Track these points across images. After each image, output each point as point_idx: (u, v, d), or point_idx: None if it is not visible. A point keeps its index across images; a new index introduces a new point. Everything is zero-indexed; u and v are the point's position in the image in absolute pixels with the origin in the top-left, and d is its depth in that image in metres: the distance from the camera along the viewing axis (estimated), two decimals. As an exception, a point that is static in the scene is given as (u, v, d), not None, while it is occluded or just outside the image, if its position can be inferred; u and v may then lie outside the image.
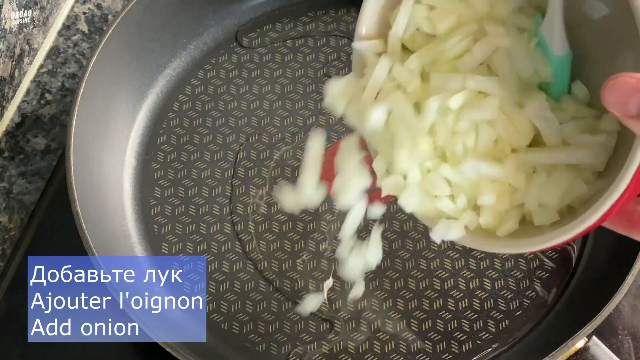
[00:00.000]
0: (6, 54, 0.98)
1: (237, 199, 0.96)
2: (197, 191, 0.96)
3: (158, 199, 0.96)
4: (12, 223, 0.99)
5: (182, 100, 1.02)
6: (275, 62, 1.04)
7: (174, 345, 0.78)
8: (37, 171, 1.02)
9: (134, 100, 1.00)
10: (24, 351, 0.91)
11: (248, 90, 1.02)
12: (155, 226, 0.94)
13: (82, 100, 0.89)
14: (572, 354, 0.81)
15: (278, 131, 1.00)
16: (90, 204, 0.87)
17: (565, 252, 0.91)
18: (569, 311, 0.87)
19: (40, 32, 1.06)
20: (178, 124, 1.00)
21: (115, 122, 0.97)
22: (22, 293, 0.94)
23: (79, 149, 0.88)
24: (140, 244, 0.93)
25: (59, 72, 1.08)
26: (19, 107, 1.05)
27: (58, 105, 1.06)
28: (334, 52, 1.04)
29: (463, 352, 0.86)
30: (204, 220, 0.95)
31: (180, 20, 1.02)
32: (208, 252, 0.93)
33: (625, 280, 0.79)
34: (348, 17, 1.06)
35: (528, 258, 0.90)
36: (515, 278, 0.90)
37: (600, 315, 0.78)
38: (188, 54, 1.04)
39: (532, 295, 0.89)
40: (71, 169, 0.85)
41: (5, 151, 1.02)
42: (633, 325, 0.92)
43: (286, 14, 1.07)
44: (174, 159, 0.98)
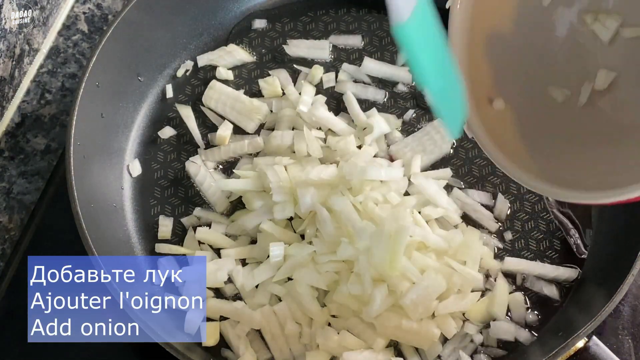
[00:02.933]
0: (6, 54, 0.98)
1: (237, 199, 0.96)
2: (197, 191, 0.96)
3: (158, 199, 0.96)
4: (12, 223, 0.99)
5: (182, 100, 1.02)
6: (275, 62, 1.04)
7: (174, 345, 0.78)
8: (37, 171, 1.02)
9: (134, 100, 1.00)
10: (24, 351, 0.91)
11: (248, 90, 1.02)
12: (155, 226, 0.94)
13: (82, 100, 0.89)
14: (572, 354, 0.81)
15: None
16: (90, 204, 0.87)
17: (569, 251, 0.91)
18: (569, 311, 0.87)
19: (40, 32, 1.06)
20: (178, 124, 1.00)
21: (115, 122, 0.97)
22: (22, 293, 0.94)
23: (79, 149, 0.87)
24: (140, 244, 0.93)
25: (59, 72, 1.08)
26: (19, 107, 1.04)
27: (58, 105, 1.06)
28: (334, 52, 1.04)
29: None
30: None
31: (180, 20, 1.02)
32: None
33: (625, 280, 0.79)
34: (348, 17, 1.06)
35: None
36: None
37: (600, 315, 0.78)
38: (188, 54, 1.04)
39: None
40: (71, 169, 0.85)
41: (5, 151, 1.02)
42: (633, 325, 0.92)
43: (286, 14, 1.07)
44: (174, 159, 0.98)
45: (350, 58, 1.04)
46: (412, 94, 1.01)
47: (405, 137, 0.97)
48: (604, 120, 0.71)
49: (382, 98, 1.00)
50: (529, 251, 0.91)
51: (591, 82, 0.71)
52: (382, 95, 1.00)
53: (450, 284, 0.84)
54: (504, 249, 0.91)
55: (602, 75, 0.70)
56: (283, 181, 0.87)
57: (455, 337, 0.85)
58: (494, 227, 0.92)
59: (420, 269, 0.83)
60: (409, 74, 1.01)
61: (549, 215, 0.93)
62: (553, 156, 0.70)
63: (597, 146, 0.70)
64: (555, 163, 0.70)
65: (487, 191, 0.94)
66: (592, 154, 0.69)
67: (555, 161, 0.70)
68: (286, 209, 0.87)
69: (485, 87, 0.72)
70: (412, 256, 0.84)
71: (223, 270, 0.87)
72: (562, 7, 0.72)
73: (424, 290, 0.81)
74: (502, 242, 0.92)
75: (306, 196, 0.85)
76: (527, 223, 0.93)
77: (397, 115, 0.99)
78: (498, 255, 0.91)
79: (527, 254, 0.91)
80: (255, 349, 0.85)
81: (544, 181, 0.66)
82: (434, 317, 0.84)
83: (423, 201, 0.90)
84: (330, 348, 0.83)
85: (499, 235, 0.92)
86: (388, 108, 1.00)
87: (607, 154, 0.68)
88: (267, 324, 0.85)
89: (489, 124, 0.71)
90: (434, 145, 0.96)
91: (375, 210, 0.85)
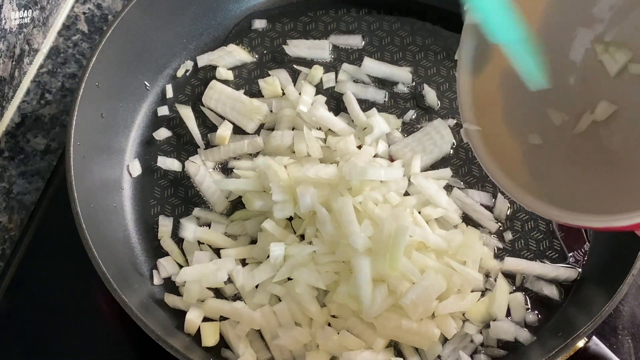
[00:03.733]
0: (6, 54, 0.98)
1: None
2: (197, 191, 0.96)
3: (158, 199, 0.96)
4: (12, 223, 0.99)
5: (182, 100, 1.02)
6: (275, 62, 1.04)
7: (174, 345, 0.78)
8: (37, 171, 1.02)
9: (134, 100, 1.00)
10: (24, 351, 0.91)
11: (248, 90, 1.02)
12: (155, 226, 0.94)
13: (82, 100, 0.89)
14: (572, 354, 0.81)
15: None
16: (90, 204, 0.87)
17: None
18: (569, 311, 0.87)
19: (40, 32, 1.06)
20: (178, 124, 1.00)
21: (116, 122, 0.97)
22: (22, 293, 0.94)
23: (79, 149, 0.88)
24: (140, 244, 0.93)
25: (59, 72, 1.08)
26: (19, 107, 1.05)
27: (58, 105, 1.06)
28: (334, 52, 1.04)
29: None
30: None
31: (180, 20, 1.02)
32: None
33: (625, 280, 0.79)
34: (348, 17, 1.06)
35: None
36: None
37: (600, 315, 0.78)
38: (188, 54, 1.04)
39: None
40: (71, 169, 0.85)
41: (5, 151, 1.02)
42: (633, 325, 0.92)
43: (286, 14, 1.07)
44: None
45: (350, 58, 1.04)
46: (412, 94, 1.01)
47: (405, 137, 0.97)
48: (599, 146, 0.71)
49: (382, 98, 1.00)
50: (529, 251, 0.91)
51: (591, 113, 0.72)
52: (382, 95, 1.00)
53: (450, 284, 0.84)
54: (504, 249, 0.91)
55: (602, 106, 0.71)
56: (283, 181, 0.87)
57: (455, 337, 0.85)
58: (494, 227, 0.92)
59: (420, 269, 0.83)
60: (409, 74, 1.01)
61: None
62: (548, 176, 0.70)
63: (591, 171, 0.70)
64: (550, 183, 0.69)
65: (487, 191, 0.95)
66: (587, 178, 0.69)
67: (551, 181, 0.70)
68: (286, 209, 0.87)
69: (486, 94, 0.72)
70: (412, 256, 0.84)
71: (223, 270, 0.87)
72: (581, 28, 0.72)
73: (424, 290, 0.81)
74: (502, 242, 0.92)
75: (306, 196, 0.85)
76: (527, 223, 0.93)
77: (397, 115, 0.99)
78: (498, 255, 0.91)
79: (527, 254, 0.91)
80: (255, 349, 0.85)
81: (538, 199, 0.66)
82: (434, 317, 0.84)
83: (423, 201, 0.90)
84: (330, 348, 0.83)
85: (499, 235, 0.92)
86: (388, 108, 1.00)
87: (601, 180, 0.68)
88: (267, 324, 0.85)
89: (486, 137, 0.71)
90: (434, 145, 0.96)
91: (375, 211, 0.85)
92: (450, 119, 0.98)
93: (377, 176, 0.86)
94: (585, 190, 0.68)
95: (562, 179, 0.70)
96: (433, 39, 1.04)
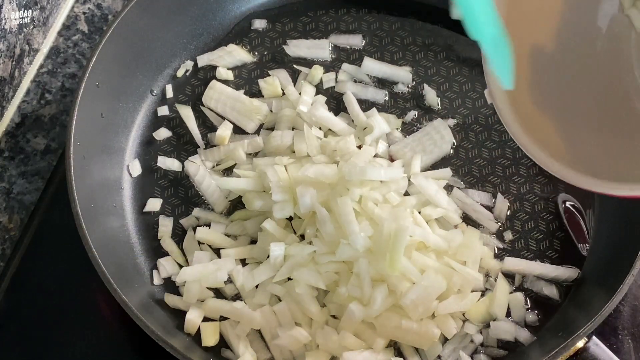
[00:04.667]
0: (6, 54, 0.98)
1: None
2: (197, 191, 0.96)
3: (158, 199, 0.96)
4: (12, 223, 0.99)
5: (182, 100, 1.02)
6: (275, 62, 1.04)
7: (174, 345, 0.78)
8: (37, 171, 1.02)
9: (134, 100, 1.00)
10: (24, 351, 0.91)
11: (248, 90, 1.02)
12: (155, 226, 0.94)
13: (82, 100, 0.89)
14: (572, 354, 0.81)
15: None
16: (90, 204, 0.87)
17: (569, 251, 0.91)
18: (569, 311, 0.87)
19: (40, 32, 1.06)
20: (178, 124, 1.00)
21: (116, 122, 0.97)
22: (22, 293, 0.94)
23: (79, 149, 0.88)
24: (140, 244, 0.93)
25: (59, 72, 1.08)
26: (19, 107, 1.05)
27: (58, 105, 1.06)
28: (334, 52, 1.04)
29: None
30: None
31: (180, 20, 1.02)
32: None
33: (625, 280, 0.79)
34: (348, 17, 1.06)
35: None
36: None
37: (600, 315, 0.78)
38: (188, 54, 1.04)
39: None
40: (71, 169, 0.85)
41: (5, 151, 1.02)
42: (633, 325, 0.92)
43: (286, 14, 1.07)
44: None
45: (350, 58, 1.04)
46: (412, 94, 1.01)
47: (405, 137, 0.97)
48: (631, 110, 0.71)
49: (382, 98, 1.00)
50: (529, 251, 0.91)
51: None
52: (382, 95, 1.00)
53: (450, 284, 0.84)
54: (504, 249, 0.91)
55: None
56: (283, 181, 0.87)
57: (455, 337, 0.85)
58: (494, 227, 0.92)
59: (420, 269, 0.83)
60: (409, 74, 1.01)
61: (549, 215, 0.93)
62: (577, 140, 0.71)
63: (623, 136, 0.70)
64: (578, 147, 0.70)
65: (487, 191, 0.95)
66: (618, 143, 0.70)
67: (579, 145, 0.70)
68: (286, 209, 0.87)
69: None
70: (412, 256, 0.84)
71: (223, 270, 0.87)
72: None
73: (424, 290, 0.81)
74: (502, 242, 0.92)
75: (306, 196, 0.85)
76: (527, 223, 0.93)
77: (397, 115, 0.99)
78: (498, 255, 0.91)
79: (527, 254, 0.91)
80: (255, 349, 0.85)
81: (562, 163, 0.67)
82: (434, 317, 0.84)
83: (423, 201, 0.90)
84: (330, 348, 0.83)
85: (499, 235, 0.92)
86: (388, 108, 1.00)
87: (629, 147, 0.69)
88: (267, 324, 0.85)
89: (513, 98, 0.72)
90: (434, 145, 0.96)
91: (375, 211, 0.85)
92: (450, 119, 0.98)
93: (377, 176, 0.86)
94: (615, 157, 0.68)
95: (592, 145, 0.70)
96: (433, 39, 1.04)
